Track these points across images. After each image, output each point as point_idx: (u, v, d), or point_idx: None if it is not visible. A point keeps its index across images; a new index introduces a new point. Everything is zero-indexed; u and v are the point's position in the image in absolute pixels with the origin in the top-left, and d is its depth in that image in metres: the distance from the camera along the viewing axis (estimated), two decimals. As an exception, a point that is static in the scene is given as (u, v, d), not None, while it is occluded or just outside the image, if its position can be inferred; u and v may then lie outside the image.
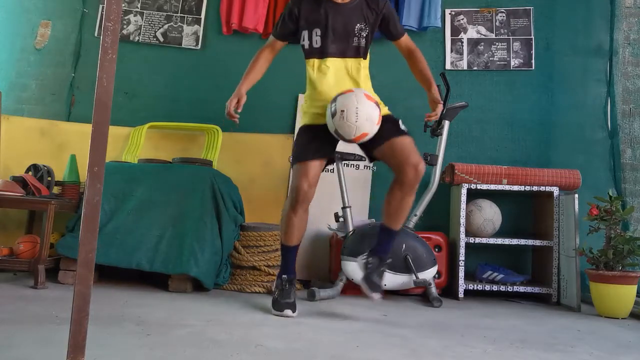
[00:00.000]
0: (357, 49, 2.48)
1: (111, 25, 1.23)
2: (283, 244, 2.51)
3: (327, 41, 2.46)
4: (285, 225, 2.45)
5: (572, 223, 3.09)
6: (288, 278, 2.46)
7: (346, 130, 2.29)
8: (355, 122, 2.26)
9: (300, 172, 2.39)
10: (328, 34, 2.46)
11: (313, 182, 2.37)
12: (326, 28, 2.47)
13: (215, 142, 3.66)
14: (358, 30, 2.46)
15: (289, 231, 2.44)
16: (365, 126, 2.28)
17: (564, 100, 3.79)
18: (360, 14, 2.48)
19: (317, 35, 2.48)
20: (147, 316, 2.17)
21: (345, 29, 2.46)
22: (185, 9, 4.01)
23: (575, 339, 2.21)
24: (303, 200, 2.37)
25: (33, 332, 1.79)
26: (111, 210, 2.97)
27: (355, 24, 2.47)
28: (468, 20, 3.91)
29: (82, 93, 3.93)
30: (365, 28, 2.48)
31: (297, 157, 2.46)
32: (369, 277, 2.43)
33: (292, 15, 2.54)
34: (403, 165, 2.32)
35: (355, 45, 2.47)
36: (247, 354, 1.68)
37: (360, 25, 2.47)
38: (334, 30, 2.46)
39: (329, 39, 2.46)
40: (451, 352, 1.86)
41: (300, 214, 2.41)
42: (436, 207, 3.44)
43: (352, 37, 2.46)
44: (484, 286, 3.24)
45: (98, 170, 1.20)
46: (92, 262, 1.19)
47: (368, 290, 2.38)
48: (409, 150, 2.34)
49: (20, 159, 3.46)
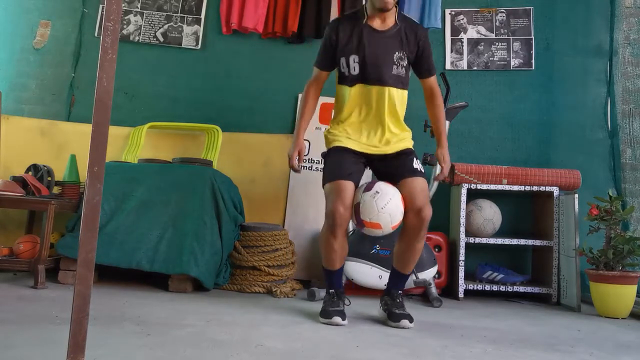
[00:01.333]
0: (397, 78, 2.39)
1: (111, 25, 1.23)
2: (326, 269, 2.40)
3: (366, 69, 2.38)
4: (326, 252, 2.34)
5: (572, 223, 3.09)
6: (336, 291, 2.38)
7: (368, 209, 2.24)
8: (381, 208, 2.22)
9: (334, 193, 2.28)
10: (364, 61, 2.38)
11: (348, 204, 2.26)
12: (362, 55, 2.38)
13: (215, 142, 3.65)
14: (397, 59, 2.39)
15: (331, 257, 2.33)
16: (385, 219, 2.23)
17: (564, 100, 3.79)
18: (400, 41, 2.40)
19: (355, 62, 2.39)
20: (147, 316, 2.17)
21: (384, 57, 2.38)
22: (185, 9, 4.01)
23: (575, 339, 2.21)
24: (341, 224, 2.26)
25: (33, 332, 1.79)
26: (111, 210, 2.97)
27: (394, 51, 2.39)
28: (468, 20, 3.91)
29: (82, 93, 3.93)
30: (405, 57, 2.41)
31: (330, 176, 2.35)
32: (391, 314, 2.31)
33: (331, 42, 2.45)
34: (407, 210, 2.27)
35: (395, 74, 2.38)
36: (247, 354, 1.68)
37: (399, 54, 2.39)
38: (373, 57, 2.37)
39: (367, 66, 2.38)
40: (451, 352, 1.86)
41: (340, 238, 2.29)
42: (436, 207, 3.39)
43: (391, 65, 2.38)
44: (484, 286, 3.24)
45: (98, 170, 1.20)
46: (92, 262, 1.19)
47: (398, 325, 2.26)
48: (415, 193, 2.27)
49: (20, 159, 3.46)
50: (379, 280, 2.97)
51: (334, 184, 2.31)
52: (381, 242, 2.98)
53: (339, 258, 2.35)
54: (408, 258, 2.33)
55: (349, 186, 2.29)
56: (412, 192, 2.28)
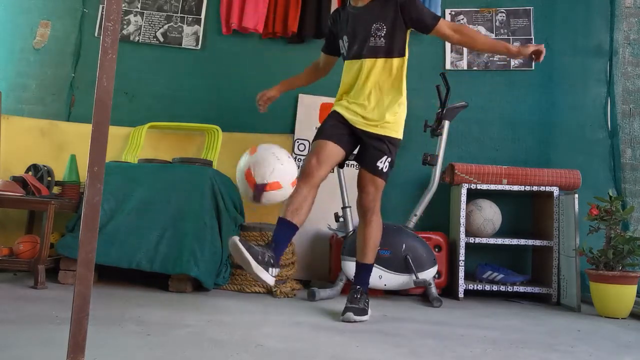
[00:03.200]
0: (374, 49, 2.44)
1: (111, 25, 1.22)
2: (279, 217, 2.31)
3: (351, 46, 2.50)
4: (288, 198, 2.28)
5: (572, 223, 3.09)
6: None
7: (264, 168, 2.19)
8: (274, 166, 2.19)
9: (313, 148, 2.42)
10: (350, 40, 2.50)
11: (323, 159, 2.35)
12: (349, 34, 2.51)
13: (215, 142, 3.65)
14: (374, 31, 2.45)
15: (289, 202, 2.27)
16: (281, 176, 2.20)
17: (564, 100, 3.79)
18: (376, 14, 2.47)
19: (346, 42, 2.53)
20: (147, 316, 2.17)
21: (362, 31, 2.46)
22: (185, 9, 4.01)
23: (575, 339, 2.21)
24: (308, 175, 2.30)
25: (33, 332, 1.79)
26: (111, 210, 2.97)
27: (371, 24, 2.45)
28: (468, 20, 3.91)
29: (82, 93, 3.93)
30: (383, 27, 2.45)
31: (315, 135, 2.48)
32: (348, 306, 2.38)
33: (330, 29, 2.66)
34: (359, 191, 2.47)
35: (371, 46, 2.44)
36: (247, 354, 1.68)
37: (376, 25, 2.45)
38: (354, 34, 2.49)
39: (352, 43, 2.50)
40: (451, 352, 1.86)
41: (304, 190, 2.27)
42: (436, 207, 3.44)
43: (368, 37, 2.44)
44: (484, 286, 3.24)
45: (98, 170, 1.20)
46: (92, 262, 1.19)
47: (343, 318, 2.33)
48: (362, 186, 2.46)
49: (20, 159, 3.46)
50: (378, 280, 2.98)
51: (315, 143, 2.44)
52: (381, 243, 2.97)
53: (295, 209, 2.25)
54: (358, 243, 2.52)
55: (327, 145, 2.40)
56: (362, 184, 2.47)
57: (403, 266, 2.96)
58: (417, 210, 3.18)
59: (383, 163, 2.43)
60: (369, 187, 2.45)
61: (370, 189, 2.44)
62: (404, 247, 2.98)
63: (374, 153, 2.43)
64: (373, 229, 2.48)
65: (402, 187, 3.73)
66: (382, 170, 2.43)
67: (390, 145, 2.45)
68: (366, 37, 2.45)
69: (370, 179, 2.44)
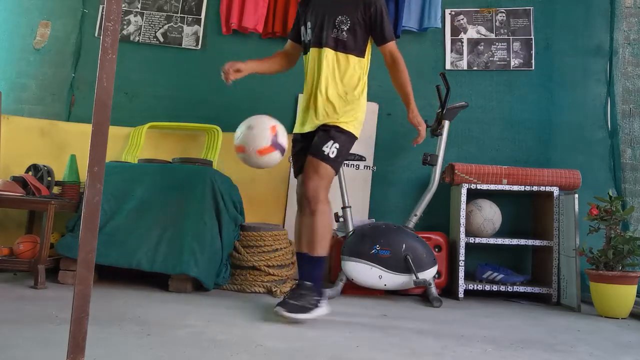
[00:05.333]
0: (337, 41, 2.43)
1: (111, 25, 1.23)
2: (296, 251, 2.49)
3: (314, 33, 2.49)
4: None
5: (572, 223, 3.09)
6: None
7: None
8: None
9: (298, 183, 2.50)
10: (313, 26, 2.49)
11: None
12: (312, 21, 2.50)
13: (215, 142, 3.66)
14: (338, 23, 2.43)
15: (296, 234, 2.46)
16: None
17: (564, 100, 3.79)
18: (343, 6, 2.45)
19: (309, 28, 2.52)
20: (147, 316, 2.17)
21: (328, 20, 2.45)
22: (185, 9, 4.02)
23: (575, 339, 2.21)
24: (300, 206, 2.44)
25: (33, 332, 1.79)
26: (111, 210, 2.97)
27: (337, 15, 2.44)
28: (468, 20, 3.91)
29: (82, 93, 3.93)
30: (347, 21, 2.43)
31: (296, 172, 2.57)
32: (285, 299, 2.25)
33: (297, 14, 2.65)
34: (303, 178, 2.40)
35: (333, 37, 2.43)
36: (247, 354, 1.68)
37: (341, 18, 2.43)
38: (315, 21, 2.48)
39: (315, 30, 2.49)
40: (451, 352, 1.86)
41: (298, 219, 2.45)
42: (436, 207, 3.44)
43: (331, 28, 2.44)
44: (484, 286, 3.24)
45: (98, 170, 1.20)
46: (92, 262, 1.19)
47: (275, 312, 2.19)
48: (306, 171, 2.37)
49: (20, 159, 3.46)
50: (378, 280, 2.97)
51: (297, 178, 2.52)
52: (381, 243, 2.98)
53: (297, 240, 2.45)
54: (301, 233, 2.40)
55: None
56: (305, 170, 2.38)
57: (403, 266, 2.96)
58: (417, 210, 3.18)
59: (329, 148, 2.35)
60: (311, 172, 2.34)
61: (313, 174, 2.33)
62: (404, 247, 2.98)
63: (320, 139, 2.40)
64: (321, 218, 2.33)
65: (402, 187, 3.74)
66: (327, 155, 2.34)
67: (337, 133, 2.39)
68: (329, 27, 2.44)
69: (315, 163, 2.35)
